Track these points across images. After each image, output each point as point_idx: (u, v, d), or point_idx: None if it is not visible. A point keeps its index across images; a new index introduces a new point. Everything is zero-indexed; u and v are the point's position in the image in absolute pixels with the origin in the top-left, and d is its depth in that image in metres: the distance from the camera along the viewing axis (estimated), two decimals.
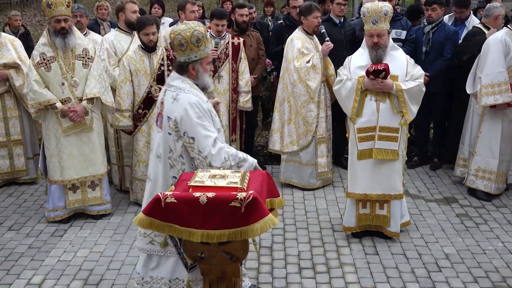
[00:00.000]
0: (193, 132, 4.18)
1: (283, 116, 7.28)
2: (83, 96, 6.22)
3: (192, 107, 4.18)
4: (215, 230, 3.81)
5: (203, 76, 4.33)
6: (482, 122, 6.91)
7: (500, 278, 5.19)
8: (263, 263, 5.50)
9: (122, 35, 7.14)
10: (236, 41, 7.32)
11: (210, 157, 4.22)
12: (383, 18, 5.55)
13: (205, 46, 4.26)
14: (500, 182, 6.95)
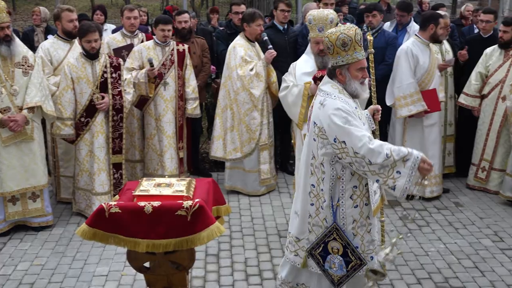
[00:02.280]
0: (344, 135, 3.95)
1: (226, 123, 7.26)
2: (23, 105, 6.05)
3: (338, 112, 3.99)
4: (161, 240, 3.79)
5: (351, 82, 4.12)
6: (405, 130, 7.13)
7: (443, 279, 5.31)
8: (209, 271, 5.46)
9: (60, 42, 6.92)
10: (181, 48, 7.26)
11: (370, 154, 3.88)
12: (329, 25, 5.61)
13: (354, 51, 4.05)
14: (434, 185, 7.14)
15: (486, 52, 7.42)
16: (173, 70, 7.16)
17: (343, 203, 4.15)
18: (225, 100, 7.24)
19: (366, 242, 4.24)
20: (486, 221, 6.62)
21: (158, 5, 25.55)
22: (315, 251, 4.29)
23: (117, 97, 6.47)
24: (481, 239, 6.13)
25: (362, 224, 4.21)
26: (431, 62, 6.93)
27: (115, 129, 6.53)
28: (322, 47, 5.66)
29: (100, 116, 6.44)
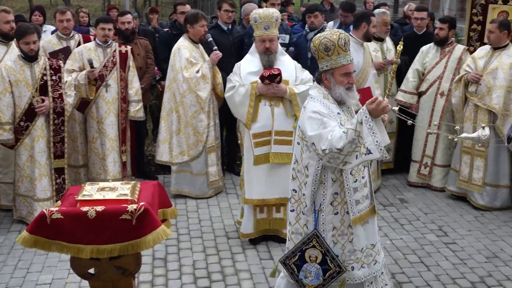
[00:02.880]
0: (314, 139, 3.90)
1: (171, 126, 7.15)
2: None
3: (314, 115, 3.94)
4: (105, 245, 3.71)
5: (335, 88, 4.04)
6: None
7: (389, 274, 5.37)
8: (157, 275, 5.38)
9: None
10: (123, 49, 7.13)
11: (333, 144, 3.78)
12: (274, 23, 5.64)
13: (338, 56, 3.99)
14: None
15: (422, 49, 7.59)
16: (115, 71, 7.02)
17: (324, 209, 4.11)
18: (170, 103, 7.13)
19: (347, 251, 4.17)
20: (430, 216, 6.75)
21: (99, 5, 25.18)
22: (289, 260, 4.23)
23: (58, 100, 6.30)
24: (426, 234, 6.24)
25: (343, 233, 4.14)
26: (365, 61, 7.02)
27: (57, 133, 6.36)
28: (268, 45, 5.67)
29: (41, 120, 6.25)
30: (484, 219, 6.67)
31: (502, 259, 5.71)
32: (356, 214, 4.12)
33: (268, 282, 5.23)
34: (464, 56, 7.33)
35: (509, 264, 5.60)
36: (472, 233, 6.31)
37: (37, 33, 6.24)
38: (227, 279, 5.30)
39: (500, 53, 6.79)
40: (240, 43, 7.74)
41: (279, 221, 5.93)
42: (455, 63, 7.33)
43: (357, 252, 4.18)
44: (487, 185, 6.90)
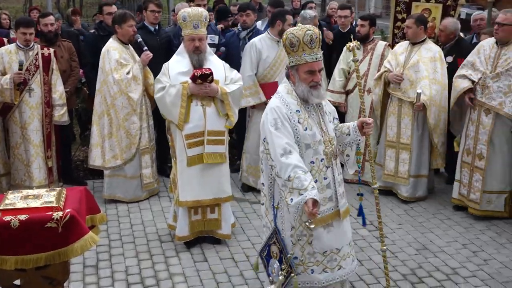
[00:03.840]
0: (269, 138, 3.94)
1: (103, 130, 6.99)
2: None
3: (271, 112, 3.94)
4: (30, 255, 3.58)
5: (299, 84, 4.00)
6: (249, 123, 7.38)
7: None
8: (88, 283, 5.24)
9: None
10: (46, 52, 6.92)
11: (279, 167, 3.87)
12: (203, 22, 5.62)
13: (303, 52, 3.93)
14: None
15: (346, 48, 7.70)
16: (38, 75, 6.82)
17: (282, 207, 4.08)
18: (102, 106, 6.96)
19: (306, 253, 4.14)
20: None
21: (20, 7, 24.34)
22: (262, 254, 4.25)
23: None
24: (358, 230, 6.33)
25: (303, 234, 4.10)
26: (277, 57, 7.12)
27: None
28: (197, 44, 5.62)
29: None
30: (413, 212, 6.82)
31: (432, 250, 5.86)
32: (342, 208, 4.21)
33: (203, 285, 5.18)
34: (386, 52, 7.51)
35: (438, 255, 5.75)
36: (402, 226, 6.44)
37: None
38: (161, 284, 5.22)
39: (419, 48, 6.97)
40: (168, 44, 7.66)
41: (213, 222, 5.90)
42: (379, 59, 7.52)
43: (317, 255, 4.15)
44: (411, 177, 7.08)
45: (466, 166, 6.64)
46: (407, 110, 6.97)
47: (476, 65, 6.50)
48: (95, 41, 7.68)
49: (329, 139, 4.14)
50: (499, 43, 6.40)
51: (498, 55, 6.38)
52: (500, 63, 6.33)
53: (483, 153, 6.46)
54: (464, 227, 6.40)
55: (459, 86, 6.55)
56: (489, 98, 6.33)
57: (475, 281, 5.26)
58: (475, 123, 6.51)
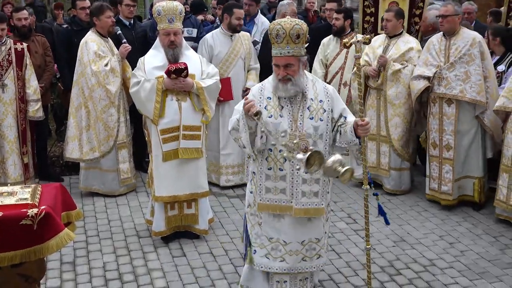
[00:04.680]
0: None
1: (81, 122, 6.93)
2: None
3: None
4: (5, 253, 3.53)
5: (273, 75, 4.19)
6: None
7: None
8: (65, 280, 5.19)
9: None
10: (19, 47, 6.81)
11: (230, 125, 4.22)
12: (178, 16, 5.58)
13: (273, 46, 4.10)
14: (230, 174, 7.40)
15: (323, 42, 7.77)
16: (12, 70, 6.72)
17: (247, 186, 4.32)
18: (79, 98, 6.91)
19: (254, 233, 4.29)
20: (340, 204, 6.88)
21: None
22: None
23: None
24: (336, 222, 6.36)
25: (255, 213, 4.25)
26: (230, 52, 7.14)
27: None
28: (172, 38, 5.58)
29: None
30: (391, 204, 6.86)
31: (409, 242, 5.90)
32: (263, 201, 4.19)
33: (182, 280, 5.16)
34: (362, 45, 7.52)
35: (415, 247, 5.80)
36: (380, 218, 6.42)
37: None
38: (139, 279, 5.19)
39: (397, 41, 7.00)
40: (143, 38, 7.60)
41: (190, 217, 5.87)
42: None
43: (264, 238, 4.26)
44: (392, 169, 7.11)
45: (435, 159, 6.70)
46: (383, 103, 6.99)
47: (429, 60, 6.60)
48: (69, 36, 7.60)
49: (300, 134, 4.09)
50: (447, 34, 6.53)
51: (448, 46, 6.50)
52: (451, 53, 6.46)
53: (450, 143, 6.54)
54: (440, 219, 6.46)
55: (416, 88, 6.63)
56: (449, 88, 6.41)
57: (452, 272, 5.31)
58: (437, 115, 6.59)
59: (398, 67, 6.79)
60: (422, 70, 6.58)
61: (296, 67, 4.05)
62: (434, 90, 6.54)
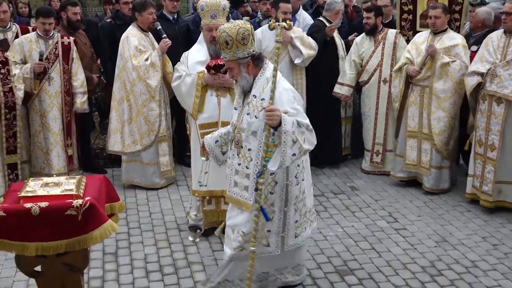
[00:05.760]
0: None
1: (123, 115, 7.03)
2: None
3: None
4: (51, 242, 3.60)
5: None
6: None
7: (342, 262, 5.40)
8: (108, 270, 5.27)
9: None
10: (66, 41, 6.94)
11: None
12: (221, 12, 5.58)
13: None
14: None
15: (356, 41, 7.72)
16: (58, 64, 6.85)
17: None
18: (121, 92, 7.00)
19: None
20: (380, 203, 6.82)
21: None
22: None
23: (9, 94, 6.12)
24: (376, 221, 6.30)
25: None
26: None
27: (9, 128, 6.20)
28: (215, 34, 5.58)
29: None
30: (433, 204, 6.77)
31: (451, 243, 5.81)
32: (229, 192, 4.50)
33: None
34: (398, 40, 7.46)
35: (457, 247, 5.70)
36: (421, 218, 6.40)
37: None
38: (179, 272, 5.23)
39: (441, 37, 6.87)
40: (186, 33, 7.65)
41: None
42: (391, 49, 7.48)
43: (229, 229, 4.55)
44: (432, 167, 7.00)
45: (479, 157, 6.53)
46: (428, 99, 6.89)
47: (485, 56, 6.43)
48: (112, 30, 7.71)
49: (237, 127, 4.37)
50: (508, 32, 6.34)
51: (507, 44, 6.31)
52: (509, 51, 6.26)
53: (495, 143, 6.37)
54: (484, 220, 6.34)
55: (469, 84, 6.49)
56: (501, 87, 6.24)
57: (495, 275, 5.20)
58: (486, 113, 6.42)
59: (447, 60, 6.66)
60: (477, 66, 6.44)
61: (237, 69, 4.28)
62: (485, 87, 6.36)
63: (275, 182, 4.33)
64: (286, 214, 4.44)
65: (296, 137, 3.96)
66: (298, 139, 3.98)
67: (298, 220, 4.51)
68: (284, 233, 4.48)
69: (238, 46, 4.18)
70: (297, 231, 4.54)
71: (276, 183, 4.34)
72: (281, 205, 4.41)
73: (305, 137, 4.05)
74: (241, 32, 4.15)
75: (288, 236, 4.51)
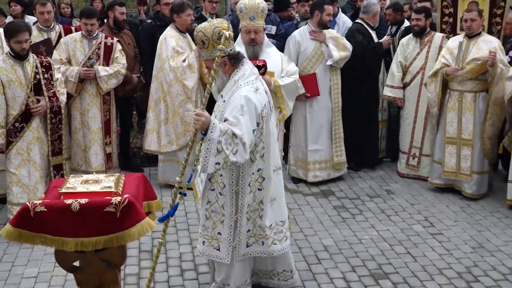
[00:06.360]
0: None
1: (159, 116, 7.11)
2: None
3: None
4: (90, 238, 3.67)
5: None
6: (292, 116, 7.19)
7: (376, 265, 5.38)
8: (143, 267, 5.34)
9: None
10: (109, 41, 7.02)
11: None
12: (260, 14, 5.60)
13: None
14: (318, 170, 7.39)
15: (402, 42, 7.63)
16: (99, 64, 6.92)
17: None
18: (158, 93, 7.08)
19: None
20: (416, 207, 6.76)
21: None
22: None
23: (53, 98, 6.05)
24: (412, 225, 6.25)
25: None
26: (317, 49, 7.14)
27: (54, 132, 6.12)
28: (253, 36, 5.63)
29: (36, 121, 5.98)
30: (470, 209, 6.69)
31: (488, 249, 5.73)
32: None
33: None
34: (444, 44, 7.34)
35: (494, 254, 5.62)
36: (458, 223, 6.32)
37: (29, 31, 5.93)
38: None
39: (476, 40, 6.78)
40: None
41: None
42: (436, 53, 7.34)
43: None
44: (474, 173, 6.91)
45: None
46: (468, 104, 6.81)
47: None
48: (152, 31, 7.80)
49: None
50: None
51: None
52: None
53: None
54: None
55: (508, 89, 6.40)
56: None
57: None
58: None
59: (505, 67, 6.55)
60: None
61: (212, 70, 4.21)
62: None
63: (223, 184, 4.34)
64: (237, 222, 4.40)
65: (222, 147, 3.92)
66: (224, 149, 3.92)
67: (250, 229, 4.44)
68: (235, 243, 4.43)
69: (214, 46, 4.16)
70: (249, 240, 4.48)
71: (225, 186, 4.34)
72: (231, 211, 4.38)
73: (237, 149, 3.96)
74: (216, 31, 4.14)
75: (240, 246, 4.46)
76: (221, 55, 4.13)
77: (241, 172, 4.29)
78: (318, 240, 5.91)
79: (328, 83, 7.26)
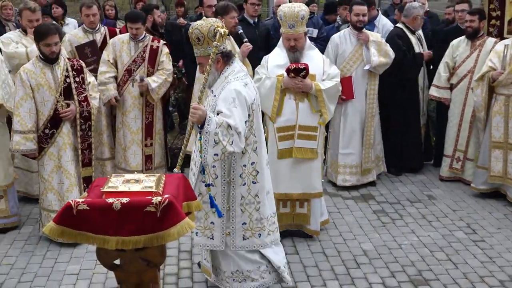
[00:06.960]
0: None
1: None
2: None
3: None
4: (130, 237, 3.70)
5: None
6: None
7: (416, 271, 5.31)
8: (182, 267, 5.39)
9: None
10: (155, 45, 7.05)
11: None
12: (300, 22, 5.56)
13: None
14: (348, 174, 7.32)
15: (453, 43, 7.49)
16: (143, 67, 6.97)
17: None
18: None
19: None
20: (459, 213, 6.65)
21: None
22: None
23: (84, 103, 5.88)
24: (454, 232, 6.15)
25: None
26: (355, 52, 7.10)
27: (84, 139, 5.94)
28: (293, 43, 5.63)
29: (66, 126, 5.82)
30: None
31: None
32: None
33: (294, 277, 5.19)
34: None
35: None
36: (501, 231, 6.20)
37: (59, 34, 5.92)
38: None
39: None
40: (266, 36, 7.71)
41: (302, 216, 5.90)
42: (486, 56, 7.12)
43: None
44: None
45: None
46: None
47: None
48: None
49: None
50: None
51: None
52: None
53: None
54: None
55: None
56: None
57: None
58: None
59: None
60: None
61: (205, 65, 4.35)
62: None
63: (216, 175, 4.50)
64: (229, 211, 4.55)
65: (219, 138, 4.10)
66: (221, 140, 4.11)
67: (246, 223, 4.57)
68: (229, 231, 4.57)
69: (209, 43, 4.31)
70: (246, 234, 4.60)
71: (217, 176, 4.50)
72: (223, 201, 4.52)
73: (233, 140, 4.15)
74: (212, 29, 4.30)
75: (235, 236, 4.59)
76: (216, 52, 4.27)
77: (232, 163, 4.48)
78: (357, 244, 5.87)
79: (364, 87, 7.20)
